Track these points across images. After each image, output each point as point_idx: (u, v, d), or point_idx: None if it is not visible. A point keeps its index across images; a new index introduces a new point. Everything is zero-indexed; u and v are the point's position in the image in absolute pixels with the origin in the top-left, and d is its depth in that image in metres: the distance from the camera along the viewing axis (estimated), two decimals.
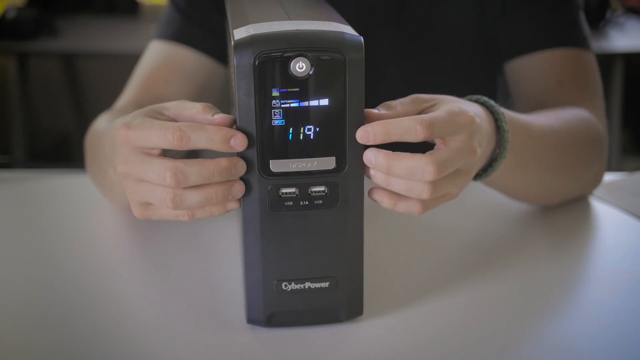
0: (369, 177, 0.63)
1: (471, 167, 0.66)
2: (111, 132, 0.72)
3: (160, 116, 0.63)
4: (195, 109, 0.62)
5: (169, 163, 0.59)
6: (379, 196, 0.63)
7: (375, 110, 0.63)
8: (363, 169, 0.62)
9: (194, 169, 0.59)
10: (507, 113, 0.74)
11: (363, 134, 0.60)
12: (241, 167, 0.60)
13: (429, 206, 0.64)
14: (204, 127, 0.59)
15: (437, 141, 0.63)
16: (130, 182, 0.62)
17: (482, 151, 0.67)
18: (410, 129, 0.60)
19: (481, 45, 1.02)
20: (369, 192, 0.64)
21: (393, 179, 0.62)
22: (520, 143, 0.76)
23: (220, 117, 0.61)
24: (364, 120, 0.61)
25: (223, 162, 0.59)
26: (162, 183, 0.59)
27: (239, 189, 0.61)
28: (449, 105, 0.64)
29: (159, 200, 0.60)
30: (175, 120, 0.63)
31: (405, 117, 0.61)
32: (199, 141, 0.59)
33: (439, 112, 0.63)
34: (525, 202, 0.91)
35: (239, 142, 0.59)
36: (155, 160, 0.60)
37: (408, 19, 1.00)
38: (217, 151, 0.60)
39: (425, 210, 0.64)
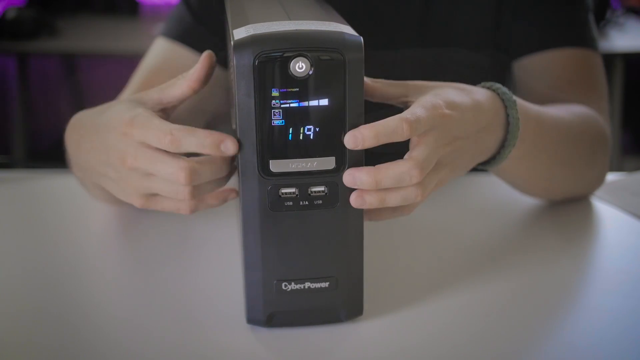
0: (358, 205, 0.61)
1: (452, 159, 0.67)
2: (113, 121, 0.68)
3: (150, 101, 0.66)
4: (174, 87, 0.67)
5: (182, 163, 0.62)
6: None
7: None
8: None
9: (207, 168, 0.62)
10: (520, 102, 0.75)
11: (351, 139, 0.60)
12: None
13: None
14: (194, 132, 0.61)
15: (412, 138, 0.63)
16: (137, 175, 0.65)
17: (469, 142, 0.68)
18: (397, 128, 0.60)
19: (493, 45, 1.02)
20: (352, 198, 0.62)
21: (388, 196, 0.61)
22: (531, 134, 0.77)
23: (197, 64, 0.66)
24: (363, 120, 0.61)
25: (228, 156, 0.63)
26: (176, 182, 0.62)
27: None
28: (427, 97, 0.64)
29: (171, 194, 0.63)
30: (161, 102, 0.67)
31: (391, 117, 0.61)
32: (189, 145, 0.61)
33: (419, 109, 0.62)
34: (531, 195, 0.92)
35: (229, 146, 0.60)
36: (167, 159, 0.62)
37: (430, 26, 1.00)
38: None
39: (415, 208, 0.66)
